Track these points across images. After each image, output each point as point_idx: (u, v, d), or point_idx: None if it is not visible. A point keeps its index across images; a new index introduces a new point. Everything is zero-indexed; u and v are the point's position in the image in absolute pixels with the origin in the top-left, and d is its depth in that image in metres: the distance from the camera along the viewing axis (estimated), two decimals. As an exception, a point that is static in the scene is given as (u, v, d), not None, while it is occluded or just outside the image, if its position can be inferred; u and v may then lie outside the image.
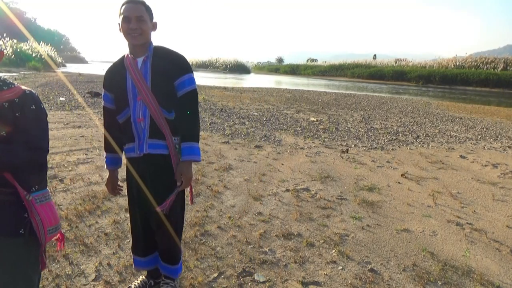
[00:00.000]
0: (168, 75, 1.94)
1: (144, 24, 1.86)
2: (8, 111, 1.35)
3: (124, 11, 1.85)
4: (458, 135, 8.51)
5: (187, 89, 1.97)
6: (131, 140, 1.99)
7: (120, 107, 1.99)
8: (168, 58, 1.97)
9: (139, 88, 1.90)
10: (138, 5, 1.86)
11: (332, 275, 2.55)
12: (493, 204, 4.14)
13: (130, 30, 1.85)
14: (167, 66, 1.94)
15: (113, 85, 2.01)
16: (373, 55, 60.33)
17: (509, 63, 40.19)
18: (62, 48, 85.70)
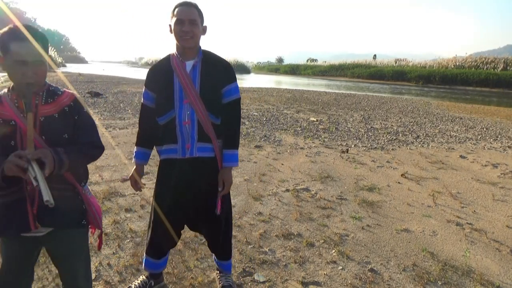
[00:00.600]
0: (216, 82, 1.98)
1: (196, 27, 1.88)
2: (69, 115, 1.50)
3: (178, 14, 1.87)
4: (458, 135, 8.51)
5: (233, 97, 2.04)
6: (172, 141, 1.98)
7: (163, 108, 1.97)
8: (217, 65, 2.01)
9: (187, 92, 1.92)
10: (191, 9, 1.88)
11: (332, 275, 2.55)
12: (493, 204, 4.14)
13: (182, 33, 1.86)
14: (216, 73, 1.98)
15: (158, 85, 2.00)
16: (373, 55, 60.33)
17: (509, 63, 40.20)
18: (62, 48, 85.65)
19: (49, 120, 1.46)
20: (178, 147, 1.98)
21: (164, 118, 1.97)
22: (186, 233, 3.02)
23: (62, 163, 1.37)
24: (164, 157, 2.06)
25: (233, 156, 2.06)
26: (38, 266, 2.46)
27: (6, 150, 1.38)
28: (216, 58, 2.03)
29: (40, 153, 1.32)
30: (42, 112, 1.46)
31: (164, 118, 1.97)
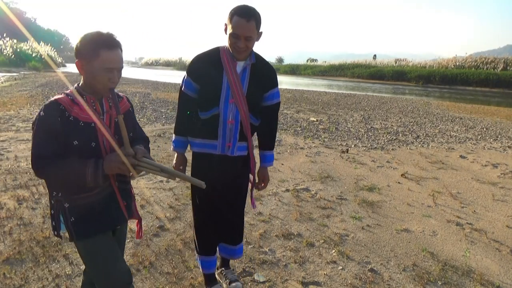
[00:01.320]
0: (262, 85, 2.05)
1: (251, 42, 1.88)
2: (130, 116, 1.66)
3: (235, 27, 1.81)
4: (458, 135, 8.51)
5: (275, 101, 2.14)
6: (212, 137, 2.00)
7: (207, 103, 1.98)
8: (265, 70, 2.06)
9: (234, 92, 1.94)
10: (250, 23, 1.81)
11: (332, 275, 2.55)
12: (493, 204, 4.14)
13: (236, 47, 1.88)
14: (263, 77, 2.04)
15: (205, 78, 1.99)
16: (373, 55, 60.32)
17: (509, 63, 40.18)
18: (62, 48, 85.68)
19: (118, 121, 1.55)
20: (218, 143, 2.01)
21: (207, 114, 1.98)
22: (186, 233, 3.03)
23: None
24: (199, 150, 2.07)
25: (271, 157, 2.25)
26: (38, 266, 2.46)
27: (87, 151, 1.44)
28: (265, 62, 2.08)
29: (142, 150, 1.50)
30: (114, 114, 1.55)
31: (207, 114, 1.99)
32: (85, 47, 1.40)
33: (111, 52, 1.40)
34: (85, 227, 1.50)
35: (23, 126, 6.97)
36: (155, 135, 6.80)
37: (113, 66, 1.42)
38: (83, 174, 1.39)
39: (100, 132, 1.47)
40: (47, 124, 1.40)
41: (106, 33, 1.42)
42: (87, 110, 1.45)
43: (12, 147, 5.42)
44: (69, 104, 1.44)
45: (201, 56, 2.04)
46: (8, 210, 3.28)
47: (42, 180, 4.06)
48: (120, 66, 1.45)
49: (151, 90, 16.10)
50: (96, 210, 1.52)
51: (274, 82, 2.10)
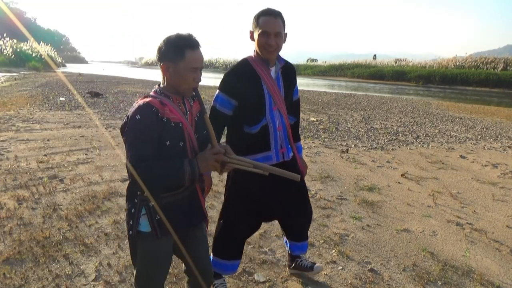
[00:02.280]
0: (290, 84, 2.13)
1: (280, 39, 1.90)
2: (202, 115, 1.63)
3: (264, 25, 1.85)
4: (458, 135, 8.51)
5: (297, 96, 2.24)
6: (266, 149, 2.01)
7: (254, 117, 1.97)
8: (290, 69, 2.14)
9: (275, 99, 1.98)
10: (277, 20, 1.87)
11: (332, 275, 2.55)
12: (493, 204, 4.14)
13: (267, 46, 1.88)
14: (290, 78, 2.11)
15: (243, 93, 1.95)
16: (373, 55, 60.30)
17: (509, 63, 40.16)
18: (62, 48, 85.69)
19: (197, 120, 1.62)
20: (272, 153, 2.02)
21: (257, 127, 1.97)
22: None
23: None
24: None
25: (301, 146, 2.34)
26: (38, 266, 2.46)
27: (175, 151, 1.49)
28: (288, 63, 2.14)
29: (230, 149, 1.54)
30: (195, 113, 1.61)
31: (256, 127, 1.97)
32: (171, 49, 1.45)
33: (195, 52, 1.46)
34: (170, 224, 1.54)
35: (23, 126, 6.97)
36: (155, 135, 6.80)
37: (197, 65, 1.47)
38: (182, 173, 1.43)
39: (186, 132, 1.52)
40: (145, 126, 1.41)
41: (187, 34, 1.47)
42: (176, 110, 1.50)
43: (12, 147, 5.42)
44: (159, 105, 1.46)
45: (233, 70, 2.02)
46: (8, 210, 3.28)
47: (42, 180, 4.06)
48: (202, 66, 1.52)
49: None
50: (180, 208, 1.57)
51: (295, 78, 2.20)
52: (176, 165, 1.44)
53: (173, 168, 1.43)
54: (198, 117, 1.61)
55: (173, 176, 1.44)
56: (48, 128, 6.93)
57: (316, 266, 2.45)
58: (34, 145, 5.59)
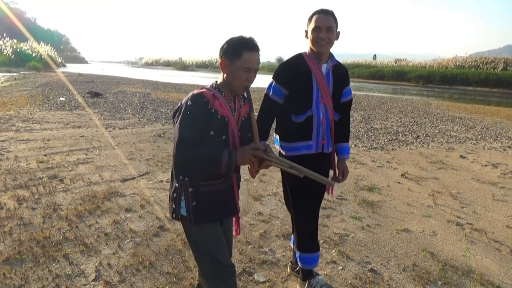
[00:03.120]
0: (341, 84, 2.20)
1: (332, 34, 2.04)
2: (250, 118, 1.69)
3: (316, 21, 2.02)
4: (458, 135, 8.51)
5: (349, 97, 2.30)
6: (308, 138, 2.14)
7: (301, 106, 2.11)
8: (341, 69, 2.23)
9: (323, 93, 2.09)
10: (328, 16, 2.03)
11: (332, 275, 2.55)
12: (493, 204, 4.14)
13: (319, 39, 2.02)
14: (341, 76, 2.20)
15: (295, 83, 2.11)
16: (373, 55, 60.29)
17: (509, 63, 40.16)
18: (62, 48, 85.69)
19: (245, 120, 1.70)
20: (313, 143, 2.14)
21: (302, 116, 2.11)
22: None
23: None
24: (296, 153, 2.16)
25: (348, 148, 2.34)
26: (38, 266, 2.46)
27: (218, 143, 1.56)
28: (341, 64, 2.23)
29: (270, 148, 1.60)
30: (243, 113, 1.70)
31: (302, 116, 2.11)
32: (230, 48, 1.57)
33: (251, 53, 1.57)
34: (204, 212, 1.61)
35: (23, 126, 6.97)
36: (155, 135, 6.80)
37: (251, 66, 1.57)
38: (219, 161, 1.50)
39: (231, 127, 1.60)
40: (194, 111, 1.53)
41: (249, 37, 1.60)
42: (225, 105, 1.59)
43: (12, 147, 5.43)
44: (211, 97, 1.57)
45: (287, 62, 2.19)
46: (8, 210, 3.28)
47: (42, 180, 4.06)
48: (257, 68, 1.60)
49: (151, 90, 16.11)
50: (216, 198, 1.63)
51: (348, 80, 2.26)
52: (216, 151, 1.52)
53: (212, 153, 1.52)
54: (245, 118, 1.69)
55: (210, 161, 1.51)
56: (48, 128, 6.93)
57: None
58: (34, 145, 5.59)
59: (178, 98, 13.32)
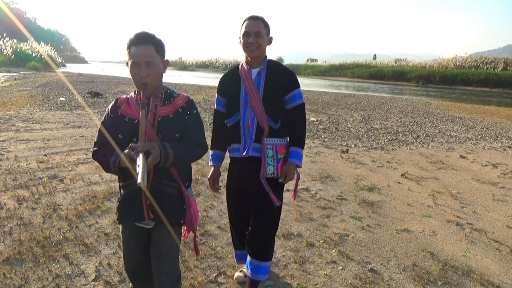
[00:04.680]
0: (280, 89, 2.15)
1: (261, 39, 2.06)
2: (181, 116, 1.63)
3: (245, 27, 2.07)
4: (458, 135, 8.51)
5: (297, 102, 2.20)
6: (237, 141, 2.18)
7: (230, 111, 2.18)
8: (280, 73, 2.17)
9: (250, 96, 2.10)
10: (257, 21, 2.07)
11: (332, 275, 2.55)
12: (493, 204, 4.14)
13: (248, 44, 2.06)
14: (279, 80, 2.14)
15: (227, 91, 2.21)
16: (373, 55, 60.30)
17: (509, 63, 40.18)
18: (62, 48, 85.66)
19: (165, 120, 1.61)
20: (241, 146, 2.17)
21: (231, 120, 2.17)
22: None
23: (167, 156, 1.51)
24: (231, 155, 2.26)
25: (297, 153, 2.21)
26: (38, 266, 2.46)
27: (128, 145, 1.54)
28: (280, 66, 2.21)
29: (148, 146, 1.47)
30: (160, 113, 1.62)
31: (231, 120, 2.17)
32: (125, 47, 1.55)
33: (136, 47, 1.52)
34: (119, 212, 1.68)
35: (23, 126, 6.97)
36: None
37: (136, 60, 1.52)
38: (108, 162, 1.55)
39: None
40: (105, 116, 1.64)
41: (138, 32, 1.55)
42: (135, 107, 1.59)
43: (12, 147, 5.42)
44: (122, 101, 1.61)
45: (225, 74, 2.29)
46: (8, 210, 3.28)
47: (42, 180, 4.07)
48: (146, 60, 1.52)
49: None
50: (126, 200, 1.66)
51: (293, 84, 2.18)
52: (109, 154, 1.57)
53: (105, 155, 1.58)
54: (169, 117, 1.61)
55: (104, 162, 1.58)
56: (48, 128, 6.93)
57: None
58: (34, 145, 5.59)
59: (178, 98, 13.31)
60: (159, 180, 1.62)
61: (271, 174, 2.15)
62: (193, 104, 1.69)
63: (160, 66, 1.59)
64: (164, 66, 1.65)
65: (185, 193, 1.69)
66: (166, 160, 1.51)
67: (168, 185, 1.64)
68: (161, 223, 1.65)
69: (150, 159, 1.43)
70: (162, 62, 1.61)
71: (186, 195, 1.69)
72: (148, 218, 1.64)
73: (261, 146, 2.12)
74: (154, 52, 1.54)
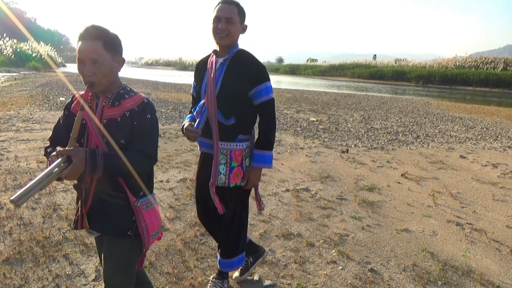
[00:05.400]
0: (243, 82, 1.93)
1: (232, 26, 1.87)
2: (129, 120, 1.46)
3: (217, 11, 1.88)
4: (458, 135, 8.51)
5: (264, 98, 1.98)
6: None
7: (197, 101, 2.09)
8: (246, 66, 1.96)
9: (208, 88, 1.96)
10: (231, 6, 1.87)
11: (332, 275, 2.55)
12: (493, 204, 4.14)
13: (218, 30, 1.86)
14: (243, 73, 1.93)
15: (197, 79, 2.12)
16: (373, 55, 60.32)
17: (509, 63, 40.20)
18: (62, 48, 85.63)
19: (111, 123, 1.46)
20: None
21: (195, 109, 2.07)
22: (186, 233, 3.03)
23: (95, 166, 1.34)
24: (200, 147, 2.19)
25: (262, 157, 2.03)
26: (38, 266, 2.46)
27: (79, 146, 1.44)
28: (249, 58, 1.98)
29: (70, 152, 1.31)
30: (106, 115, 1.47)
31: (196, 109, 2.07)
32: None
33: (82, 43, 1.39)
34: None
35: (23, 126, 6.97)
36: (155, 135, 6.79)
37: (80, 56, 1.39)
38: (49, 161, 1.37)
39: (88, 130, 1.46)
40: (61, 114, 1.59)
41: (88, 25, 1.40)
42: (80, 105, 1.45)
43: (12, 147, 5.42)
44: (77, 98, 1.53)
45: (200, 60, 2.15)
46: (8, 210, 3.28)
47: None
48: (90, 57, 1.37)
49: (151, 90, 16.11)
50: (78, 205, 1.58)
51: (259, 77, 1.96)
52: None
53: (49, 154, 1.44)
54: (108, 121, 1.46)
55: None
56: (48, 128, 6.93)
57: None
58: (34, 145, 5.59)
59: (178, 98, 13.32)
60: (103, 190, 1.49)
61: (222, 184, 2.00)
62: (148, 108, 1.49)
63: (110, 64, 1.43)
64: (118, 64, 1.49)
65: (133, 204, 1.50)
66: (93, 170, 1.34)
67: (114, 195, 1.50)
68: (106, 234, 1.56)
69: (66, 171, 1.29)
70: (114, 60, 1.45)
71: (134, 206, 1.50)
72: (81, 227, 1.55)
73: (214, 149, 1.96)
74: (101, 48, 1.39)
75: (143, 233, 1.53)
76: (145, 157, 1.47)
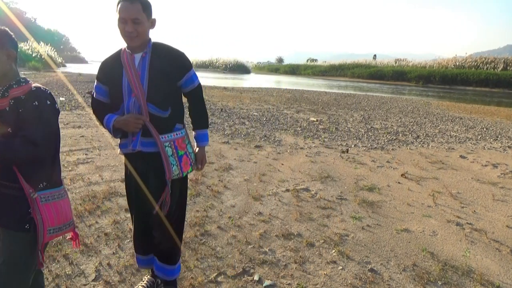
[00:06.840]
0: (169, 74, 1.92)
1: (140, 26, 1.80)
2: (13, 108, 1.43)
3: (120, 11, 1.77)
4: (458, 135, 8.51)
5: (194, 85, 2.06)
6: (125, 136, 1.97)
7: (115, 102, 1.95)
8: (168, 57, 1.93)
9: (133, 85, 1.86)
10: (134, 5, 1.76)
11: (332, 275, 2.55)
12: (493, 204, 4.14)
13: (126, 33, 1.80)
14: (167, 65, 1.91)
15: (109, 80, 1.95)
16: (373, 55, 60.32)
17: (509, 63, 40.21)
18: (62, 48, 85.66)
19: (1, 114, 1.44)
20: (128, 141, 1.95)
21: (120, 112, 1.94)
22: (186, 233, 3.02)
23: None
24: (123, 151, 2.02)
25: (204, 135, 2.17)
26: (38, 266, 2.46)
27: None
28: (167, 49, 1.96)
29: None
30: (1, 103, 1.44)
31: (119, 112, 1.94)
32: None
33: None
34: None
35: (23, 126, 6.97)
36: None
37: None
38: None
39: None
40: None
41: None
42: None
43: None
44: None
45: (106, 60, 2.01)
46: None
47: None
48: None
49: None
50: None
51: (184, 67, 1.98)
52: None
53: None
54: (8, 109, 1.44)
55: None
56: (48, 128, 6.93)
57: None
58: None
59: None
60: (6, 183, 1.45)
61: (177, 175, 1.97)
62: (37, 95, 1.47)
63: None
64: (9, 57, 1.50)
65: (28, 195, 1.45)
66: None
67: (8, 185, 1.46)
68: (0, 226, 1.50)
69: None
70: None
71: (30, 198, 1.45)
72: None
73: (158, 144, 1.90)
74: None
75: (38, 227, 1.47)
76: (27, 142, 1.42)
